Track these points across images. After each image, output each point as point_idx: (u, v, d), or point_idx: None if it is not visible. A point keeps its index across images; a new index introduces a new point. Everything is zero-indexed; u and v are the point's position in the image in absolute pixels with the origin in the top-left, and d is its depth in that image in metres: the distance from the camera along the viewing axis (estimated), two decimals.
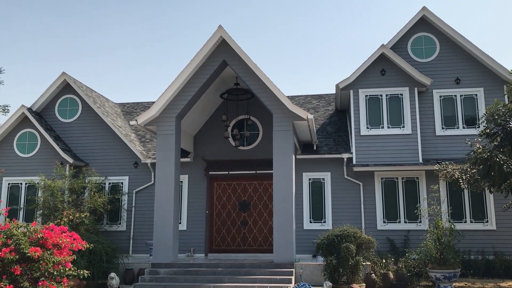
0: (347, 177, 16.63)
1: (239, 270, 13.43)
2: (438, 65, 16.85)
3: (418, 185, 16.21)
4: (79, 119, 18.55)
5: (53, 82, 18.52)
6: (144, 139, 19.40)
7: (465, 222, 15.65)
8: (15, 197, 17.77)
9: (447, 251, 12.01)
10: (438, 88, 16.60)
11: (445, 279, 11.60)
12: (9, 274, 4.75)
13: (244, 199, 17.56)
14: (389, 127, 16.21)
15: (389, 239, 15.71)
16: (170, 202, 14.33)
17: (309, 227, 16.49)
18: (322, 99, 20.85)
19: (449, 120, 16.42)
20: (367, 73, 16.55)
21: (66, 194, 16.32)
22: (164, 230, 14.14)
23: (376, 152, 16.08)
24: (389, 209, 16.20)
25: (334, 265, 11.86)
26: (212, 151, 17.87)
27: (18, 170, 17.82)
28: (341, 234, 12.22)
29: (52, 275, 4.93)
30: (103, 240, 13.80)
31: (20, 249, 4.82)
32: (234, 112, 17.72)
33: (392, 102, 16.35)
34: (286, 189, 13.94)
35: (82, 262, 12.63)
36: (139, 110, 21.53)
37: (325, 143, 17.48)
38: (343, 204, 16.50)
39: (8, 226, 5.12)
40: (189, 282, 13.01)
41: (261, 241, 17.17)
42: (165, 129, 14.79)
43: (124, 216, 17.56)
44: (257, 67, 14.31)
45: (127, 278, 14.11)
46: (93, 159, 18.13)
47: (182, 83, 14.76)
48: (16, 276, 4.74)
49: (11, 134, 18.12)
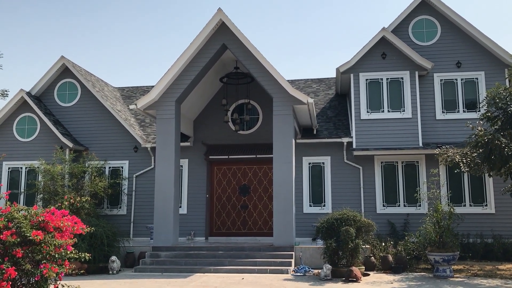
0: (347, 161, 16.64)
1: (239, 253, 13.53)
2: (439, 48, 16.74)
3: (418, 169, 16.23)
4: (79, 103, 18.49)
5: (52, 66, 18.41)
6: (144, 124, 19.37)
7: (464, 206, 15.71)
8: (15, 181, 17.80)
9: (446, 235, 12.06)
10: (439, 72, 16.52)
11: (444, 262, 11.68)
12: (11, 257, 4.77)
13: (244, 183, 17.59)
14: (389, 111, 16.17)
15: (388, 223, 15.79)
16: (170, 186, 14.36)
17: (309, 211, 16.56)
18: (322, 83, 20.76)
19: (449, 104, 16.37)
20: (367, 57, 16.45)
21: (66, 179, 16.34)
22: (164, 214, 14.20)
23: (376, 136, 16.07)
24: (389, 193, 16.25)
25: (334, 248, 11.93)
26: (212, 136, 17.85)
27: (18, 155, 17.82)
28: (341, 217, 12.26)
29: (54, 258, 4.95)
30: (104, 224, 13.86)
31: (22, 232, 4.84)
32: (234, 96, 17.66)
33: (393, 86, 16.28)
34: (286, 173, 13.96)
35: (83, 245, 12.69)
36: (138, 94, 21.44)
37: (325, 127, 17.46)
38: (342, 188, 16.54)
39: (9, 209, 5.13)
40: (190, 265, 13.11)
41: (261, 224, 17.26)
42: (164, 113, 14.75)
43: (125, 200, 17.61)
44: (257, 51, 14.21)
45: (128, 261, 14.21)
46: (93, 144, 18.12)
47: (182, 67, 14.68)
48: (18, 258, 4.76)
49: (10, 118, 18.08)
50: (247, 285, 10.57)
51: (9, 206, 5.07)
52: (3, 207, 5.43)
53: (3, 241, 4.74)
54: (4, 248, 4.78)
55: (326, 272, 11.47)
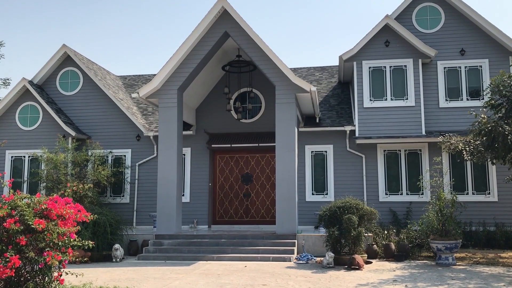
0: (350, 149, 16.61)
1: (242, 241, 13.58)
2: (443, 36, 16.60)
3: (420, 157, 16.20)
4: (81, 92, 18.46)
5: (54, 55, 18.35)
6: (146, 112, 19.35)
7: (467, 194, 15.70)
8: (18, 170, 17.84)
9: (449, 223, 12.07)
10: (443, 60, 16.41)
11: (447, 250, 11.70)
12: (15, 245, 4.78)
13: (247, 172, 17.60)
14: (392, 99, 16.09)
15: (391, 211, 15.80)
16: (173, 174, 14.38)
17: (311, 199, 16.58)
18: (325, 71, 20.66)
19: (453, 92, 16.28)
20: (371, 44, 16.33)
21: (69, 167, 16.37)
22: (167, 202, 14.24)
23: (379, 125, 16.02)
24: (391, 181, 16.24)
25: (336, 236, 11.95)
26: (214, 124, 17.82)
27: (21, 143, 17.85)
28: (344, 205, 12.26)
29: (57, 246, 4.96)
30: (107, 212, 13.91)
31: (25, 220, 4.84)
32: (236, 84, 17.60)
33: (396, 74, 16.19)
34: (288, 161, 13.96)
35: (86, 233, 12.75)
36: (140, 83, 21.39)
37: (328, 116, 17.41)
38: (345, 176, 16.53)
39: (12, 197, 5.13)
40: (193, 253, 13.18)
41: (263, 213, 17.30)
42: (167, 101, 14.72)
43: (128, 189, 17.65)
44: (259, 38, 14.13)
45: (131, 249, 14.29)
46: (95, 132, 18.12)
47: (184, 55, 14.62)
48: (21, 246, 4.77)
49: (12, 107, 18.07)
50: (250, 273, 10.62)
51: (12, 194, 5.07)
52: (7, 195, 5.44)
53: (7, 229, 4.75)
54: (8, 236, 4.79)
55: (329, 260, 11.51)
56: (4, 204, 4.96)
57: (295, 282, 9.50)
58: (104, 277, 10.30)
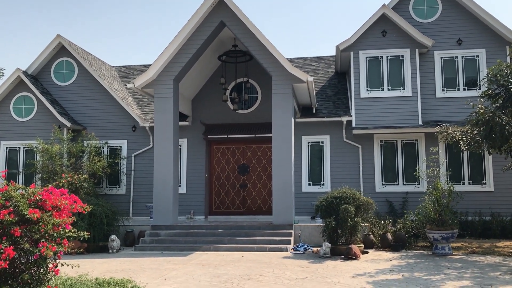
0: (346, 140, 16.58)
1: (239, 231, 13.57)
2: (440, 25, 16.52)
3: (417, 148, 16.20)
4: (76, 83, 18.31)
5: (48, 45, 18.17)
6: (142, 103, 19.23)
7: (463, 184, 15.73)
8: (13, 161, 17.74)
9: (446, 213, 12.09)
10: (440, 49, 16.35)
11: (443, 239, 11.73)
12: (9, 236, 4.72)
13: (243, 163, 17.57)
14: (389, 89, 16.04)
15: (387, 201, 15.82)
16: (169, 165, 14.33)
17: (308, 190, 16.58)
18: (322, 62, 20.57)
19: (449, 82, 16.25)
20: (368, 34, 16.25)
21: (64, 158, 16.29)
22: (163, 193, 14.20)
23: (375, 115, 15.99)
24: (388, 171, 16.24)
25: (333, 226, 11.95)
26: (210, 115, 17.74)
27: (16, 134, 17.72)
28: (340, 196, 12.26)
29: (52, 237, 4.91)
30: (103, 203, 13.86)
31: (19, 211, 4.79)
32: (232, 75, 17.50)
33: (393, 64, 16.13)
34: (285, 152, 13.92)
35: (82, 224, 12.71)
36: (136, 74, 21.24)
37: (325, 106, 17.35)
38: (342, 167, 16.52)
39: (6, 188, 5.06)
40: (190, 243, 13.16)
41: (260, 203, 17.29)
42: (162, 92, 14.63)
43: (124, 180, 17.59)
44: (256, 28, 14.01)
45: (127, 240, 14.26)
46: (91, 123, 18.01)
47: (179, 45, 14.50)
48: (16, 237, 4.72)
49: (7, 98, 17.92)
50: (247, 263, 10.62)
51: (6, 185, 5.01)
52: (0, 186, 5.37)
53: (1, 220, 4.70)
54: (2, 227, 4.74)
55: (326, 250, 11.52)
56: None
57: (292, 272, 9.50)
58: (101, 268, 10.27)
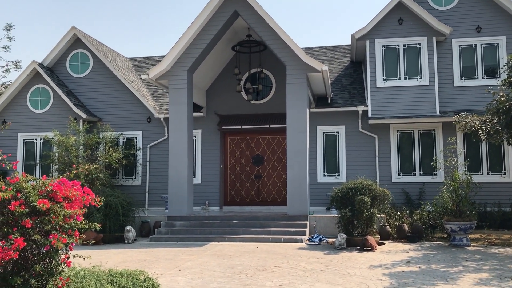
0: (362, 130, 16.39)
1: (254, 222, 13.55)
2: (458, 13, 16.16)
3: (434, 138, 15.94)
4: (91, 74, 18.39)
5: (63, 37, 18.25)
6: (157, 94, 19.25)
7: (482, 174, 15.44)
8: (31, 152, 17.93)
9: (464, 203, 11.88)
10: (458, 37, 16.00)
11: (461, 231, 11.54)
12: (20, 227, 4.73)
13: (258, 153, 17.50)
14: (405, 78, 15.78)
15: (404, 192, 15.63)
16: (184, 156, 14.33)
17: (323, 180, 16.46)
18: (337, 51, 20.31)
19: (468, 70, 15.91)
20: (384, 22, 15.97)
21: (80, 149, 16.40)
22: (178, 184, 14.22)
23: (392, 104, 15.75)
24: (405, 161, 16.02)
25: (349, 217, 11.85)
26: (224, 106, 17.68)
27: (33, 126, 17.90)
28: (356, 186, 12.13)
29: (63, 228, 4.91)
30: (119, 194, 13.92)
31: (30, 202, 4.79)
32: (246, 65, 17.38)
33: (409, 53, 15.84)
34: (299, 142, 13.81)
35: (98, 215, 12.81)
36: (150, 65, 21.25)
37: (340, 96, 17.15)
38: (357, 157, 16.35)
39: (18, 179, 5.07)
40: (205, 234, 13.18)
41: (275, 194, 17.23)
42: (177, 82, 14.60)
43: (139, 171, 17.67)
44: (270, 17, 13.86)
45: (143, 230, 14.35)
46: (106, 114, 18.10)
47: (193, 35, 14.43)
48: (27, 229, 4.72)
49: (23, 90, 18.08)
50: (262, 254, 10.58)
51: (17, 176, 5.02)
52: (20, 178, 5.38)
53: (12, 212, 4.70)
54: (14, 218, 4.74)
55: (341, 241, 11.43)
56: (9, 186, 4.91)
57: (307, 263, 9.43)
58: (116, 259, 10.33)
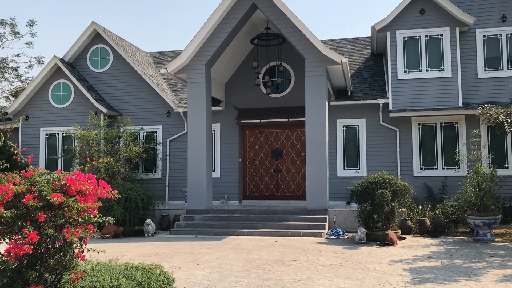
0: (383, 123, 16.14)
1: (273, 216, 13.49)
2: (482, 2, 15.72)
3: (457, 130, 15.60)
4: (111, 69, 18.53)
5: (83, 32, 18.42)
6: (176, 88, 19.30)
7: (506, 168, 15.06)
8: (53, 147, 18.20)
9: (487, 198, 11.61)
10: (482, 27, 15.58)
11: (485, 225, 11.27)
12: (34, 221, 4.75)
13: (277, 147, 17.41)
14: (427, 70, 15.45)
15: (426, 186, 15.36)
16: (203, 150, 14.34)
17: (343, 174, 16.29)
18: (357, 43, 20.03)
19: (492, 61, 15.50)
20: (405, 13, 15.65)
21: (101, 144, 16.57)
22: (197, 178, 14.25)
23: (413, 97, 15.46)
24: (426, 155, 15.74)
25: (369, 211, 11.69)
26: (243, 99, 17.62)
27: (54, 121, 18.15)
28: (376, 180, 11.95)
29: (77, 222, 4.93)
30: (139, 188, 14.02)
31: (44, 196, 4.81)
32: (265, 58, 17.27)
33: (432, 44, 15.50)
34: (319, 136, 13.67)
35: (118, 209, 12.93)
36: (169, 59, 21.30)
37: (360, 89, 16.92)
38: (378, 151, 16.13)
39: (32, 173, 5.10)
40: (223, 227, 13.19)
41: (294, 188, 17.13)
42: (195, 76, 14.59)
43: (159, 165, 17.78)
44: (288, 9, 13.72)
45: (163, 224, 14.43)
46: (126, 109, 18.23)
47: (211, 29, 14.38)
48: (40, 223, 4.75)
49: (45, 85, 18.33)
50: (280, 248, 10.52)
51: (32, 170, 5.05)
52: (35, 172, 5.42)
53: (26, 205, 4.73)
54: (28, 212, 4.77)
55: (361, 235, 11.28)
56: (23, 180, 4.94)
57: (326, 258, 9.34)
58: (135, 252, 10.41)
